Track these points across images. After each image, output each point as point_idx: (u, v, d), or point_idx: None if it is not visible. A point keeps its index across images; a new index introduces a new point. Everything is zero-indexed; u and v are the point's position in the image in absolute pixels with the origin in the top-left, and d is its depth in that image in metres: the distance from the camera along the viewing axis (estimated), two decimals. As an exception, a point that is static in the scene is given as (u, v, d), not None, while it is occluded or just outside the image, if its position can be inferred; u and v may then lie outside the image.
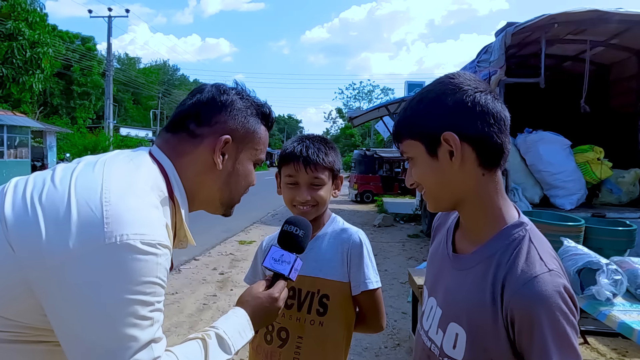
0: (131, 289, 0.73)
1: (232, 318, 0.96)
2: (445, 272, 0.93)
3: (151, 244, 0.75)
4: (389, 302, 4.68)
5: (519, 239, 0.82)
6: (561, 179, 4.86)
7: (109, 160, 0.86)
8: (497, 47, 4.72)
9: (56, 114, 28.97)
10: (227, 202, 1.01)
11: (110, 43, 25.83)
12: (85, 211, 0.74)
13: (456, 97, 0.82)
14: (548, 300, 0.73)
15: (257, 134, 1.00)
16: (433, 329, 0.91)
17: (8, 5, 14.14)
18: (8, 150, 17.09)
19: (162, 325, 0.80)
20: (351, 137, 46.16)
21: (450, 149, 0.81)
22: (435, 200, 0.89)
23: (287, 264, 1.04)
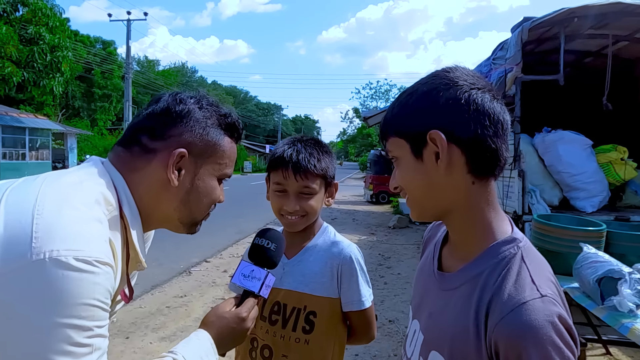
0: (62, 311, 0.64)
1: (193, 341, 0.87)
2: (430, 292, 0.82)
3: (87, 260, 0.67)
4: (400, 307, 4.55)
5: (508, 258, 0.71)
6: (582, 180, 4.64)
7: (53, 174, 0.79)
8: (513, 43, 4.54)
9: (78, 116, 29.65)
10: (187, 221, 0.92)
11: (129, 46, 26.34)
12: (12, 226, 0.67)
13: (449, 93, 0.72)
14: (538, 331, 0.62)
15: (219, 146, 0.91)
16: (415, 356, 0.81)
17: (30, 10, 14.49)
18: (30, 152, 17.55)
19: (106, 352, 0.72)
20: (368, 137, 45.87)
21: (437, 150, 0.72)
22: (418, 208, 0.79)
23: (257, 280, 0.96)
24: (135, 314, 4.22)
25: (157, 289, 5.05)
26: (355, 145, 51.17)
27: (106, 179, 0.81)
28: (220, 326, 0.91)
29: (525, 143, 4.72)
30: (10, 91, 14.52)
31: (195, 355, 0.84)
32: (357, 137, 49.86)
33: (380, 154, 16.56)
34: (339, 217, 11.22)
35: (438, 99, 0.72)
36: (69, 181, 0.77)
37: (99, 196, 0.77)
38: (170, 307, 4.47)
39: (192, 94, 0.92)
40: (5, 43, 12.89)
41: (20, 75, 13.58)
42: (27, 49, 13.96)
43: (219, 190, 0.94)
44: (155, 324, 4.01)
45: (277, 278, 1.24)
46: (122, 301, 0.92)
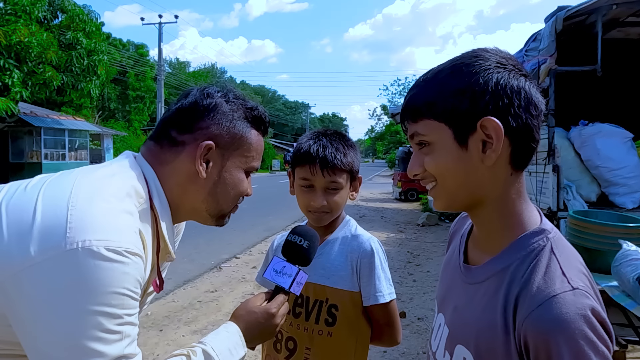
0: (94, 299, 0.67)
1: (222, 334, 0.89)
2: (456, 286, 0.80)
3: (117, 250, 0.69)
4: (430, 305, 4.49)
5: (538, 250, 0.68)
6: (622, 175, 4.44)
7: (87, 168, 0.83)
8: (547, 34, 4.38)
9: (113, 117, 30.73)
10: (215, 213, 0.94)
11: (160, 49, 27.09)
12: (49, 216, 0.70)
13: (500, 76, 0.67)
14: (569, 325, 0.59)
15: (246, 139, 0.92)
16: (440, 350, 0.79)
17: (68, 17, 15.11)
18: (69, 152, 18.33)
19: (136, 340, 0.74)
20: (396, 133, 45.34)
21: (486, 139, 0.67)
22: (448, 198, 0.74)
23: (288, 276, 0.96)
24: (169, 308, 4.35)
25: (189, 284, 5.18)
26: (383, 143, 50.71)
27: (137, 171, 0.84)
28: (249, 320, 0.92)
29: (560, 137, 4.55)
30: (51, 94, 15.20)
31: (224, 347, 0.86)
32: (385, 134, 49.38)
33: (409, 151, 16.34)
34: (367, 214, 11.16)
35: (489, 82, 0.67)
36: (101, 174, 0.80)
37: (130, 189, 0.80)
38: (202, 302, 4.58)
39: (219, 87, 0.94)
40: (46, 49, 13.49)
41: (59, 79, 14.18)
42: (65, 54, 14.57)
43: (247, 183, 0.95)
44: (187, 318, 4.12)
45: None
46: (154, 292, 0.95)
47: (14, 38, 12.46)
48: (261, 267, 1.44)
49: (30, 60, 13.19)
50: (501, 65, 0.68)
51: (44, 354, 0.69)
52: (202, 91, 0.91)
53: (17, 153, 17.41)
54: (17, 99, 13.17)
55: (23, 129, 16.93)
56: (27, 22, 13.16)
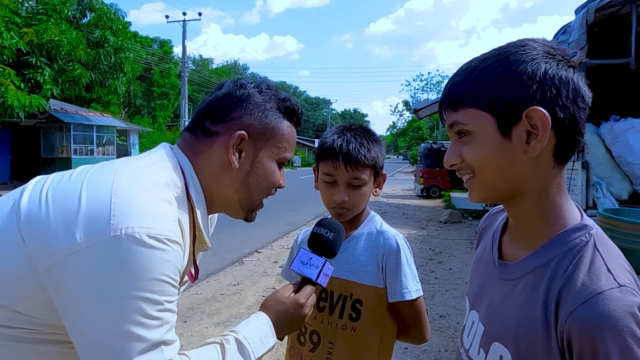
0: (136, 284, 0.70)
1: (253, 323, 0.90)
2: (490, 283, 0.79)
3: (158, 238, 0.71)
4: (452, 303, 4.45)
5: (580, 245, 0.66)
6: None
7: (127, 159, 0.86)
8: (577, 26, 4.25)
9: (139, 114, 31.43)
10: (246, 204, 0.94)
11: (184, 46, 27.50)
12: (93, 204, 0.73)
13: (548, 65, 0.65)
14: (617, 322, 0.57)
15: (278, 129, 0.92)
16: (474, 348, 0.78)
17: (96, 16, 15.51)
18: (97, 147, 18.85)
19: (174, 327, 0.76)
20: (418, 130, 44.84)
21: (530, 129, 0.65)
22: (487, 189, 0.72)
23: (315, 268, 0.98)
24: (192, 300, 4.45)
25: (212, 277, 5.28)
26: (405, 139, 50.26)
27: (174, 162, 0.86)
28: (279, 310, 0.93)
29: (590, 133, 4.43)
30: (80, 91, 15.64)
31: (255, 336, 0.87)
32: (407, 130, 48.88)
33: (431, 147, 16.15)
34: (389, 210, 11.09)
35: (536, 71, 0.65)
36: (140, 164, 0.83)
37: (168, 179, 0.82)
38: (225, 295, 4.65)
39: (252, 79, 0.95)
40: (75, 47, 13.87)
41: (88, 77, 14.58)
42: (94, 52, 14.96)
43: (279, 175, 0.95)
44: (210, 310, 4.20)
45: None
46: (188, 281, 0.97)
47: (45, 37, 12.87)
48: (286, 262, 1.45)
49: (60, 59, 13.60)
50: (549, 55, 0.66)
51: (87, 338, 0.72)
52: (235, 82, 0.93)
53: (48, 148, 18.00)
54: (49, 96, 13.61)
55: (54, 125, 17.49)
56: (57, 21, 13.58)
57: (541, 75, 0.65)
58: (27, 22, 13.20)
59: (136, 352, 0.69)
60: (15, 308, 0.77)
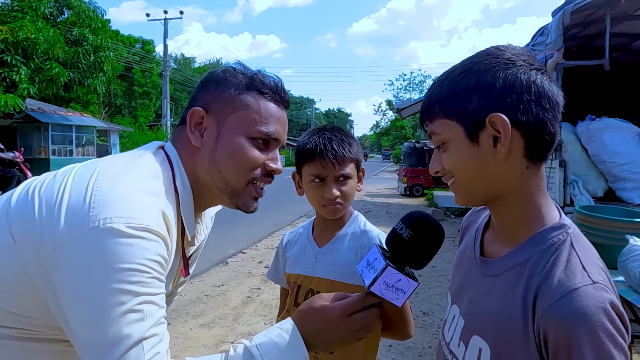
0: (114, 276, 0.68)
1: (274, 331, 0.80)
2: (472, 278, 0.81)
3: (137, 227, 0.70)
4: (435, 300, 4.51)
5: (558, 244, 0.69)
6: (630, 170, 4.41)
7: (115, 155, 0.86)
8: (554, 28, 4.35)
9: (119, 113, 30.90)
10: (222, 186, 0.88)
11: (166, 45, 27.14)
12: (75, 197, 0.73)
13: (508, 72, 0.69)
14: (590, 318, 0.61)
15: (241, 101, 0.87)
16: (454, 341, 0.81)
17: (74, 14, 15.20)
18: (76, 148, 18.47)
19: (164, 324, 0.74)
20: (402, 129, 45.23)
21: (496, 134, 0.69)
22: (466, 193, 0.76)
23: (374, 271, 0.79)
24: (177, 302, 4.40)
25: (196, 278, 5.23)
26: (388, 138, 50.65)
27: (161, 154, 0.86)
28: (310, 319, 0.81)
29: (567, 132, 4.53)
30: (58, 91, 15.32)
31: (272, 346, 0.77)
32: (390, 130, 49.27)
33: (414, 146, 16.31)
34: (373, 209, 11.16)
35: (496, 79, 0.69)
36: (128, 158, 0.83)
37: (155, 170, 0.81)
38: (209, 296, 4.62)
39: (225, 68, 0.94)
40: (53, 45, 13.58)
41: (66, 76, 14.29)
42: (72, 50, 14.67)
43: (257, 152, 0.88)
44: (195, 312, 4.17)
45: (309, 267, 1.27)
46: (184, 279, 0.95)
47: (20, 34, 12.57)
48: (271, 263, 1.46)
49: (37, 57, 13.30)
50: (510, 62, 0.69)
51: (75, 335, 0.71)
52: (208, 72, 0.94)
53: (25, 149, 17.56)
54: (25, 96, 13.30)
55: (31, 125, 17.08)
56: (33, 18, 13.26)
57: (501, 82, 0.68)
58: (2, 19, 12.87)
59: (121, 349, 0.67)
60: (11, 309, 0.76)
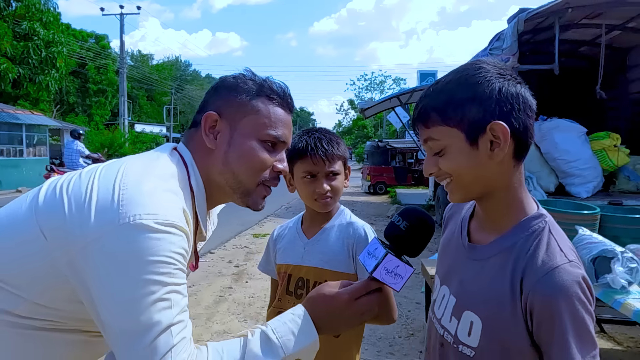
0: (145, 268, 0.73)
1: (287, 316, 0.86)
2: (460, 262, 0.92)
3: (164, 223, 0.76)
4: (402, 293, 4.70)
5: (539, 231, 0.81)
6: (577, 167, 4.79)
7: (134, 155, 0.91)
8: (509, 34, 4.65)
9: (73, 112, 29.47)
10: (235, 186, 0.94)
11: (122, 41, 26.15)
12: (103, 195, 0.77)
13: (502, 84, 0.78)
14: (568, 290, 0.73)
15: (253, 106, 0.94)
16: (446, 317, 0.91)
17: (23, 6, 14.41)
18: (27, 148, 17.49)
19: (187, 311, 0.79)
20: (364, 128, 45.92)
21: (493, 139, 0.78)
22: (464, 191, 0.85)
23: (375, 259, 0.87)
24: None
25: (165, 280, 5.16)
26: (350, 137, 51.29)
27: (176, 156, 0.92)
28: (318, 305, 0.88)
29: (521, 131, 4.85)
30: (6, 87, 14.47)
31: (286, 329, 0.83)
32: (352, 129, 49.87)
33: (377, 145, 16.66)
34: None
35: (492, 91, 0.77)
36: (147, 159, 0.89)
37: (172, 171, 0.87)
38: (180, 297, 4.58)
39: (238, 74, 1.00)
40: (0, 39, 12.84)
41: (15, 72, 13.56)
42: (21, 45, 13.92)
43: (266, 155, 0.94)
44: (166, 313, 4.13)
45: (298, 257, 1.36)
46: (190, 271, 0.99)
47: (-36, 27, 11.79)
48: (262, 256, 1.53)
49: (-18, 51, 12.52)
50: (501, 76, 0.80)
51: (107, 325, 0.75)
52: (219, 78, 1.00)
53: (-31, 150, 16.47)
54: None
55: (-25, 124, 16.02)
56: (-23, 10, 12.47)
57: (497, 93, 0.78)
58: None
59: (152, 335, 0.72)
60: (38, 301, 0.80)
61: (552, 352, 0.74)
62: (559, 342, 0.73)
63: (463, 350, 0.85)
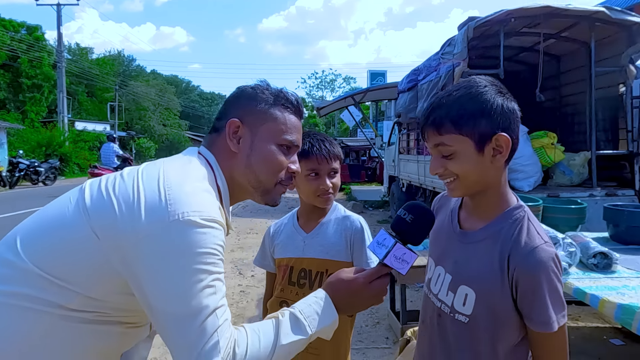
0: (195, 259, 0.82)
1: (310, 299, 0.97)
2: (453, 246, 1.09)
3: (208, 219, 0.86)
4: (365, 285, 4.92)
5: (520, 219, 0.99)
6: (520, 163, 5.21)
7: (166, 159, 1.00)
8: (460, 40, 5.00)
9: (3, 108, 27.29)
10: (256, 185, 1.05)
11: (60, 33, 24.69)
12: (150, 196, 0.86)
13: (503, 100, 0.95)
14: (546, 265, 0.92)
15: (271, 114, 1.04)
16: (443, 291, 1.07)
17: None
18: (-46, 148, 16.06)
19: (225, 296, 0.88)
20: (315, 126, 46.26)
21: (496, 147, 0.94)
22: (465, 188, 1.00)
23: (385, 248, 0.99)
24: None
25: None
26: (302, 135, 51.36)
27: (203, 159, 1.02)
28: (339, 289, 0.99)
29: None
30: None
31: (311, 310, 0.94)
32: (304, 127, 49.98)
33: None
34: (296, 205, 11.41)
35: (497, 106, 0.93)
36: (181, 163, 0.98)
37: (204, 173, 0.97)
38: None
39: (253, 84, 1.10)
40: None
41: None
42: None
43: (282, 156, 1.05)
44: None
45: (299, 250, 1.49)
46: None
47: None
48: (258, 251, 1.64)
49: None
50: (501, 93, 0.97)
51: (160, 310, 0.84)
52: (238, 88, 1.11)
53: None
54: None
55: None
56: None
57: (499, 109, 0.95)
58: None
59: (202, 317, 0.82)
60: (91, 295, 0.87)
61: (533, 313, 0.93)
62: (539, 305, 0.92)
63: (458, 318, 1.03)
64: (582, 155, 5.41)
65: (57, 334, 0.88)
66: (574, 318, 3.79)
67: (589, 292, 2.14)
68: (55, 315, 0.87)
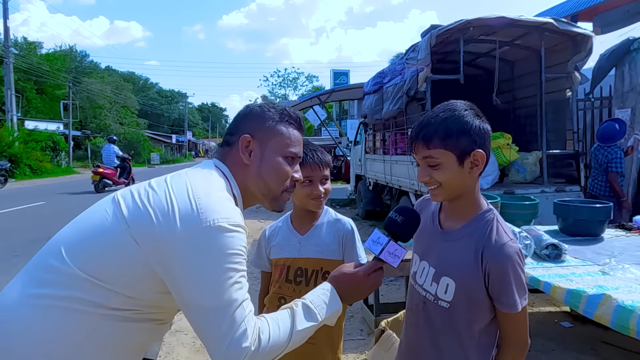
0: (226, 259, 0.95)
1: (318, 290, 1.12)
2: (435, 244, 1.27)
3: (234, 224, 0.98)
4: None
5: (490, 220, 1.19)
6: (479, 162, 5.58)
7: (188, 171, 1.12)
8: (423, 47, 5.28)
9: (-57, 106, 25.42)
10: (266, 192, 1.17)
11: (7, 27, 23.15)
12: (183, 205, 0.98)
13: (478, 122, 1.13)
14: (512, 258, 1.12)
15: (277, 130, 1.17)
16: (427, 282, 1.26)
17: None
18: None
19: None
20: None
21: (474, 161, 1.13)
22: (447, 194, 1.17)
23: (379, 245, 1.13)
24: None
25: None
26: (266, 133, 50.96)
27: (219, 170, 1.14)
28: (342, 281, 1.14)
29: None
30: None
31: (320, 300, 1.09)
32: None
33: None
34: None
35: (475, 126, 1.12)
36: (203, 175, 1.10)
37: (223, 183, 1.10)
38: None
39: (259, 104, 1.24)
40: None
41: None
42: None
43: (288, 167, 1.18)
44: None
45: (295, 250, 1.64)
46: None
47: None
48: (254, 254, 1.78)
49: None
50: (477, 116, 1.16)
51: (195, 305, 0.96)
52: (246, 106, 1.24)
53: None
54: None
55: None
56: None
57: (477, 129, 1.14)
58: None
59: (232, 310, 0.96)
60: (129, 294, 0.99)
61: (502, 297, 1.14)
62: (506, 290, 1.13)
63: (441, 304, 1.22)
64: (534, 155, 5.83)
65: (98, 332, 0.99)
66: (530, 304, 4.11)
67: (543, 280, 2.37)
68: (97, 314, 0.98)
